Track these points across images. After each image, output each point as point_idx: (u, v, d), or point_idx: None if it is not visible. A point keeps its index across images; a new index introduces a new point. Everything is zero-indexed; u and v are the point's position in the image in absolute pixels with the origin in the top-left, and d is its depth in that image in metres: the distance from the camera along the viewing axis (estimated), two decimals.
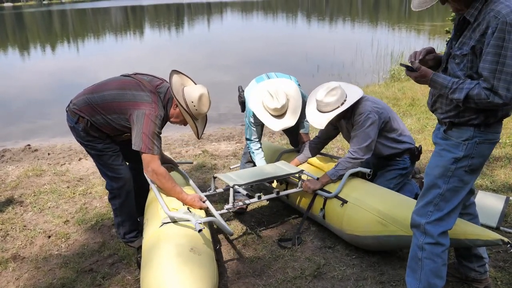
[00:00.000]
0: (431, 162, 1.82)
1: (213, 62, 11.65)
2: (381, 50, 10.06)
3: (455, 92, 1.62)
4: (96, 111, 2.38)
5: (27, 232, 2.99)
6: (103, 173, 2.56)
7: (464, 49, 1.63)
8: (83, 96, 2.42)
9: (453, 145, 1.73)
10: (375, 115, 2.56)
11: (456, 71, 1.67)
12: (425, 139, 4.34)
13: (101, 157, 2.48)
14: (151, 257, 1.95)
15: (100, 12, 45.10)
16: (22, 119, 7.06)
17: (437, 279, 1.83)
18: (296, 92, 2.82)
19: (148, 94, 2.34)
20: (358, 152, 2.59)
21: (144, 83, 2.40)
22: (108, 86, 2.42)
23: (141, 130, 2.27)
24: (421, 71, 1.69)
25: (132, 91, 2.35)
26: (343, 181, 2.56)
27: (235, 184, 2.48)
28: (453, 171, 1.73)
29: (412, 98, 5.97)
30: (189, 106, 2.38)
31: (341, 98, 2.60)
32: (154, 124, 2.29)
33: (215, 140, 5.16)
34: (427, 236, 1.80)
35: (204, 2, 55.97)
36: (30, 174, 4.12)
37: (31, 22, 36.91)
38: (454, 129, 1.73)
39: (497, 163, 3.65)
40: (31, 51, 16.65)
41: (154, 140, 2.29)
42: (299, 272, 2.36)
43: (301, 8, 34.80)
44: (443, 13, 17.68)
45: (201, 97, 2.39)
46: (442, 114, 1.78)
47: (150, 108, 2.30)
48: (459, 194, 1.76)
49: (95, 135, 2.43)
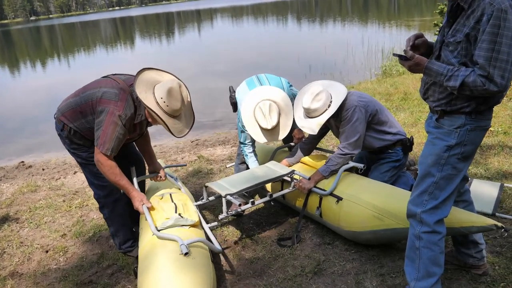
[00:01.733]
0: (424, 151, 1.82)
1: (205, 68, 11.67)
2: (372, 47, 10.13)
3: (451, 80, 1.61)
4: (77, 115, 2.33)
5: (24, 248, 2.97)
6: (90, 182, 2.52)
7: (458, 36, 1.61)
8: (67, 101, 2.40)
9: (445, 133, 1.74)
10: (361, 109, 2.57)
11: (450, 59, 1.66)
12: (418, 131, 4.36)
13: (87, 165, 2.45)
14: (146, 265, 1.95)
15: (89, 25, 45.14)
16: (14, 137, 7.03)
17: (435, 267, 1.83)
18: (288, 106, 2.79)
19: (117, 91, 2.23)
20: (348, 148, 2.59)
21: (118, 81, 2.31)
22: (86, 87, 2.37)
23: (101, 127, 2.20)
24: (415, 59, 1.67)
25: (103, 88, 2.27)
26: (337, 178, 2.56)
27: (227, 194, 2.47)
28: (446, 159, 1.73)
29: (404, 92, 5.99)
30: (159, 103, 2.21)
31: (327, 100, 2.60)
32: (114, 124, 2.19)
33: (210, 145, 5.15)
34: (423, 225, 1.81)
35: (194, 9, 56.08)
36: (25, 190, 4.09)
37: (20, 39, 36.86)
38: (446, 117, 1.74)
39: (490, 151, 3.66)
40: (21, 69, 16.62)
41: (111, 140, 2.20)
42: (299, 269, 2.36)
43: (291, 11, 34.99)
44: (431, 7, 17.86)
45: (170, 91, 2.20)
46: (434, 102, 1.77)
47: (114, 106, 2.19)
48: (453, 182, 1.77)
49: (79, 143, 2.40)
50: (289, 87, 3.00)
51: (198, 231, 2.26)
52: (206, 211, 3.23)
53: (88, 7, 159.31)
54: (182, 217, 2.21)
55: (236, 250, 2.64)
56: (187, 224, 2.21)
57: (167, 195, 2.45)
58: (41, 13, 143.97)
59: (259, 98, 2.76)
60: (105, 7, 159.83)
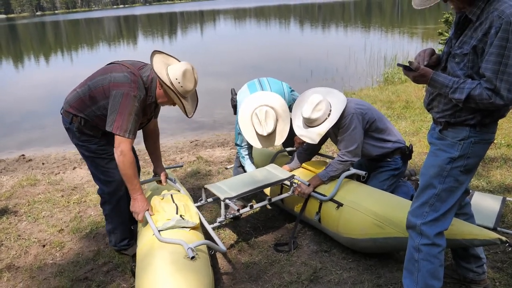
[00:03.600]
0: (426, 162, 1.81)
1: (207, 69, 11.67)
2: (374, 54, 10.15)
3: (456, 92, 1.60)
4: (86, 104, 2.31)
5: (21, 241, 2.96)
6: (96, 177, 2.49)
7: (465, 48, 1.60)
8: (74, 92, 2.39)
9: (448, 145, 1.72)
10: (359, 116, 2.57)
11: (456, 71, 1.65)
12: (420, 141, 4.37)
13: (95, 159, 2.42)
14: (145, 265, 1.93)
15: (93, 22, 45.16)
16: (16, 130, 7.02)
17: (434, 281, 1.81)
18: (286, 112, 2.79)
19: (127, 74, 2.25)
20: (347, 155, 2.60)
21: (126, 65, 2.32)
22: (93, 75, 2.36)
23: (117, 109, 2.18)
24: (420, 71, 1.66)
25: (112, 73, 2.27)
26: (338, 184, 2.56)
27: (226, 198, 2.48)
28: (448, 171, 1.72)
29: (406, 100, 6.01)
30: (173, 83, 2.26)
31: (327, 110, 2.60)
32: (131, 105, 2.19)
33: (209, 146, 5.16)
34: (423, 237, 1.79)
35: (197, 10, 56.18)
36: (24, 183, 4.09)
37: (25, 34, 36.88)
38: (450, 129, 1.72)
39: (493, 163, 3.67)
40: (25, 63, 16.62)
41: (129, 122, 2.19)
42: (295, 276, 2.35)
43: (293, 15, 35.07)
44: (435, 15, 17.92)
45: (185, 72, 2.26)
46: (438, 113, 1.76)
47: (128, 88, 2.20)
48: (454, 194, 1.76)
49: (90, 134, 2.37)
50: (290, 92, 3.01)
51: (199, 233, 2.26)
52: (205, 211, 3.23)
53: (93, 4, 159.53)
54: (183, 219, 2.20)
55: (232, 253, 2.63)
56: (188, 226, 2.20)
57: (168, 196, 2.44)
58: (47, 8, 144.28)
59: (256, 103, 2.77)
60: (110, 4, 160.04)
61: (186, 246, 1.95)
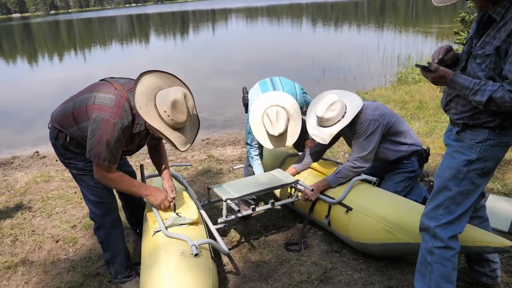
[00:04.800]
0: (442, 164, 1.77)
1: (218, 68, 11.72)
2: (387, 53, 10.02)
3: (477, 94, 1.55)
4: (70, 122, 2.09)
5: (35, 237, 3.02)
6: (86, 198, 2.26)
7: (487, 49, 1.55)
8: (60, 107, 2.18)
9: (466, 147, 1.68)
10: (376, 122, 2.52)
11: (476, 72, 1.60)
12: (433, 142, 4.30)
13: (83, 177, 2.20)
14: (145, 268, 1.98)
15: (106, 21, 45.67)
16: (30, 127, 7.16)
17: (447, 284, 1.78)
18: (297, 112, 2.77)
19: (113, 97, 1.99)
20: (359, 161, 2.56)
21: (115, 85, 2.05)
22: (81, 92, 2.14)
23: (96, 135, 1.95)
24: (440, 72, 1.61)
25: (98, 93, 2.03)
26: (347, 188, 2.52)
27: (227, 198, 2.48)
28: (465, 174, 1.69)
29: (420, 101, 5.93)
30: (162, 117, 2.00)
31: (341, 111, 2.56)
32: (110, 133, 1.95)
33: (220, 145, 5.17)
34: (436, 240, 1.76)
35: (209, 9, 56.37)
36: (38, 180, 4.16)
37: (39, 32, 37.51)
38: (468, 130, 1.68)
39: (508, 166, 3.59)
40: (39, 61, 16.92)
41: (107, 151, 1.97)
42: (305, 276, 2.34)
43: (306, 13, 34.92)
44: (451, 14, 17.63)
45: (175, 104, 1.97)
46: (456, 114, 1.72)
47: (110, 113, 1.96)
48: (470, 197, 1.72)
49: (75, 151, 2.16)
50: (302, 93, 2.98)
51: (198, 229, 2.26)
52: (212, 212, 3.24)
53: (106, 2, 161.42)
54: (179, 216, 2.22)
55: (242, 252, 2.64)
56: (185, 222, 2.22)
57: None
58: (61, 7, 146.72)
59: (268, 103, 2.75)
60: (123, 3, 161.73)
61: (191, 242, 1.97)
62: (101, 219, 2.25)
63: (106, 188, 2.22)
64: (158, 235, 2.13)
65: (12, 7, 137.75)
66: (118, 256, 2.33)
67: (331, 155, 4.23)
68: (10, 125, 7.48)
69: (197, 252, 1.93)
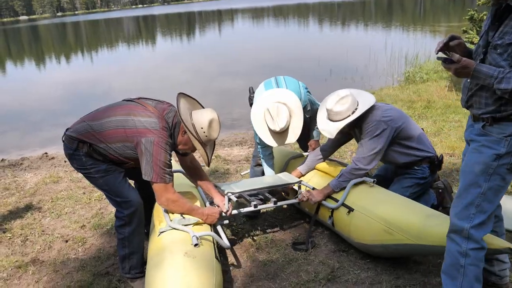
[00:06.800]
0: (469, 160, 1.71)
1: (225, 68, 11.75)
2: (395, 52, 9.95)
3: (502, 82, 1.51)
4: (97, 138, 2.18)
5: (45, 237, 3.06)
6: (112, 200, 2.31)
7: (507, 38, 1.53)
8: (83, 123, 2.23)
9: (493, 141, 1.63)
10: (383, 124, 2.48)
11: (499, 61, 1.57)
12: (441, 141, 4.27)
13: (107, 179, 2.25)
14: (150, 267, 2.01)
15: (113, 22, 46.02)
16: (39, 129, 7.25)
17: (478, 284, 1.74)
18: (299, 108, 2.74)
19: (155, 120, 2.16)
20: (362, 161, 2.52)
21: (149, 108, 2.22)
22: (110, 113, 2.21)
23: (151, 159, 2.10)
24: (463, 62, 1.57)
25: (137, 117, 2.16)
26: (346, 190, 2.51)
27: (228, 192, 2.51)
28: (494, 169, 1.63)
29: (427, 100, 5.89)
30: (198, 132, 2.24)
31: (352, 106, 2.53)
32: (164, 152, 2.13)
33: (227, 145, 5.19)
34: (470, 241, 1.68)
35: (215, 9, 56.48)
36: (47, 181, 4.21)
37: (46, 34, 37.92)
38: (495, 124, 1.62)
39: None
40: (47, 63, 17.12)
41: (165, 168, 2.14)
42: (312, 275, 2.35)
43: (312, 13, 34.84)
44: (459, 13, 17.47)
45: (211, 122, 2.26)
46: (480, 109, 1.67)
47: (158, 135, 2.12)
48: (499, 194, 1.67)
49: (98, 158, 2.23)
50: (306, 92, 2.97)
51: (202, 228, 2.28)
52: None
53: (113, 4, 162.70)
54: (183, 218, 2.26)
55: (250, 251, 2.65)
56: (190, 223, 2.25)
57: None
58: (67, 9, 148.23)
59: (269, 100, 2.75)
60: (129, 4, 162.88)
61: (192, 233, 2.07)
62: (128, 218, 2.28)
63: (130, 188, 2.29)
64: (164, 235, 2.16)
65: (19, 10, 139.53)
66: (137, 253, 2.36)
67: (337, 154, 4.22)
68: (19, 126, 7.59)
69: (197, 242, 2.00)
